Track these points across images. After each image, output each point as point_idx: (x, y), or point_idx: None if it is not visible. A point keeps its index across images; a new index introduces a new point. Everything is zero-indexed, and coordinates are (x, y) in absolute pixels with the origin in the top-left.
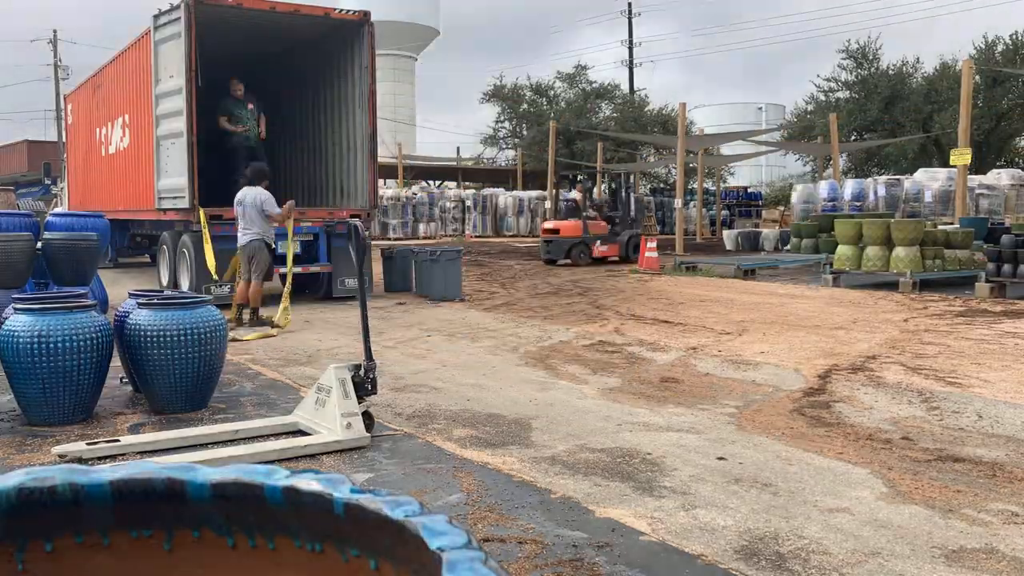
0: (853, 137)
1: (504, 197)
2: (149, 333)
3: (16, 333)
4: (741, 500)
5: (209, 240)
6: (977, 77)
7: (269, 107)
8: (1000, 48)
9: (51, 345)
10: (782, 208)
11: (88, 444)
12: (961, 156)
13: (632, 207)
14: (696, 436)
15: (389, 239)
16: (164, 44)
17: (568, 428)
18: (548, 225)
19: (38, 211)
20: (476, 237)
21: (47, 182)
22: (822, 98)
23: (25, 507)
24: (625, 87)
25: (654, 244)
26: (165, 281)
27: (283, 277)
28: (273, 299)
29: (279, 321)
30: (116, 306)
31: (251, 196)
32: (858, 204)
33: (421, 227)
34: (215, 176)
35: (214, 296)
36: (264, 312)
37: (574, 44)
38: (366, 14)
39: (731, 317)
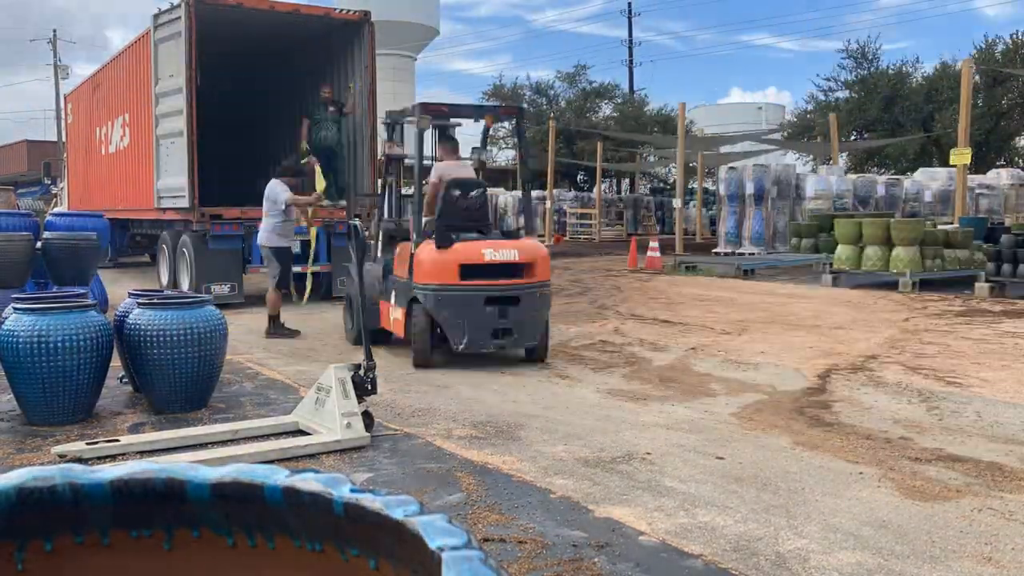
0: (853, 137)
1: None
2: (149, 333)
3: (16, 333)
4: (741, 500)
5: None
6: (977, 77)
7: (269, 107)
8: (1000, 48)
9: (51, 345)
10: None
11: (88, 444)
12: (961, 156)
13: None
14: (696, 436)
15: None
16: (164, 43)
17: (568, 428)
18: None
19: (38, 211)
20: None
21: (47, 182)
22: (822, 98)
23: (25, 507)
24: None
25: (656, 244)
26: (165, 281)
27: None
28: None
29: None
30: (116, 306)
31: (266, 189)
32: (842, 201)
33: None
34: None
35: (214, 296)
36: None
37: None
38: (366, 14)
39: (731, 317)
